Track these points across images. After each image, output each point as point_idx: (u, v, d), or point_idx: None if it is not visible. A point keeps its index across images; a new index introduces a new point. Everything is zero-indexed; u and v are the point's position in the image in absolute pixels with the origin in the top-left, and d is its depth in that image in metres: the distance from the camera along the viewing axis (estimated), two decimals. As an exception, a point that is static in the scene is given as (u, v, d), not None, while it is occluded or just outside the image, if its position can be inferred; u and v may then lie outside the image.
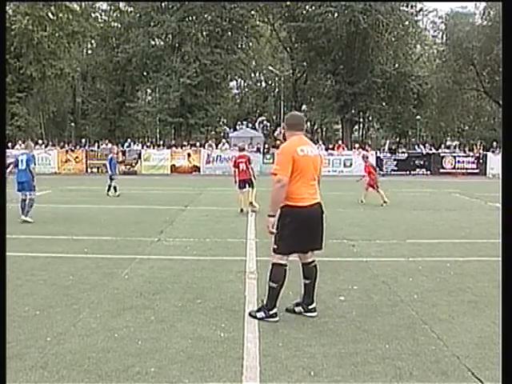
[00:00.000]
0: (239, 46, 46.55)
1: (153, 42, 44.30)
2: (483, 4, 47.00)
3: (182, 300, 6.06)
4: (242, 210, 13.62)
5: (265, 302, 5.49)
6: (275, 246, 5.38)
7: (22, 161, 11.93)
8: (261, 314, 5.41)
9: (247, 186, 13.74)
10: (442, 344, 4.84)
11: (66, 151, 32.67)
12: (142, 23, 43.35)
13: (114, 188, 18.00)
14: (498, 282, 7.02)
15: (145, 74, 46.79)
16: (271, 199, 5.25)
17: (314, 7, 42.63)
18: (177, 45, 42.38)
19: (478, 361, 4.48)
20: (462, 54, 46.94)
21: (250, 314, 5.51)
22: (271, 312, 5.39)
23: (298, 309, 5.59)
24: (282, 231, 5.30)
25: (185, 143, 35.90)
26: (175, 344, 4.77)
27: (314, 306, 5.55)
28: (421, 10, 47.62)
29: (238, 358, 4.47)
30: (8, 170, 12.24)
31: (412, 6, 45.30)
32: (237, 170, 13.89)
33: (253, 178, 13.85)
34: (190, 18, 42.45)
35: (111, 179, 18.13)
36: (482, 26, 46.95)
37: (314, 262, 5.55)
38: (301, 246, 5.36)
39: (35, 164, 12.42)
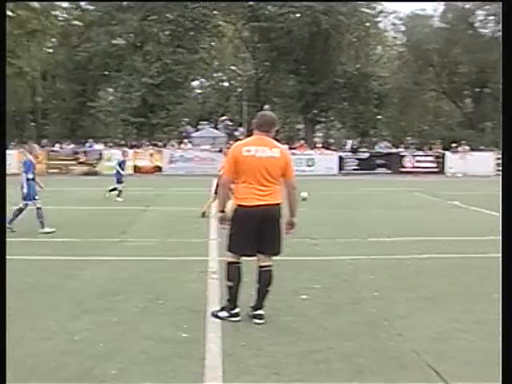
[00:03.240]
0: (201, 45, 46.29)
1: (114, 41, 43.70)
2: (442, 7, 47.95)
3: (144, 301, 6.02)
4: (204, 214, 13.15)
5: (226, 301, 5.49)
6: (227, 244, 5.44)
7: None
8: (223, 314, 5.42)
9: None
10: (401, 340, 4.93)
11: (26, 151, 32.01)
12: (103, 22, 42.77)
13: (119, 192, 17.11)
14: (456, 278, 7.20)
15: (106, 73, 46.20)
16: (218, 197, 5.47)
17: (276, 8, 42.76)
18: (138, 44, 41.96)
19: (436, 355, 4.58)
20: (421, 56, 47.76)
21: (212, 314, 5.51)
22: (233, 311, 5.39)
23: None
24: (231, 229, 5.38)
25: (147, 143, 35.61)
26: (136, 345, 4.73)
27: (260, 312, 5.39)
28: (381, 11, 48.21)
29: (200, 359, 4.46)
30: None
31: (373, 8, 45.84)
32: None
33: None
34: (152, 17, 42.05)
35: (119, 182, 17.40)
36: (441, 29, 47.87)
37: (267, 267, 5.42)
38: (248, 246, 5.31)
39: (28, 170, 10.66)
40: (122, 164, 18.13)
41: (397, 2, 52.81)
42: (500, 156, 33.76)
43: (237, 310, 5.40)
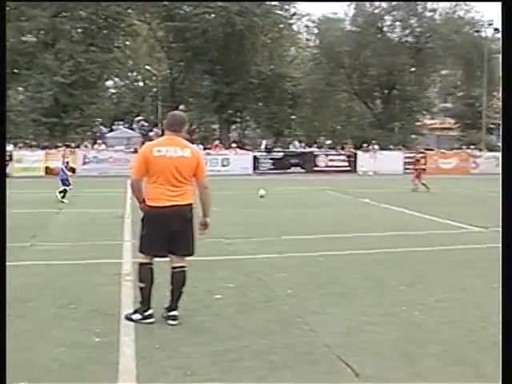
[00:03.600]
0: (115, 44, 45.42)
1: (24, 38, 42.11)
2: (352, 11, 49.35)
3: (56, 306, 5.86)
4: None
5: (139, 303, 5.44)
6: (138, 245, 5.41)
7: None
8: (136, 316, 5.36)
9: None
10: (313, 335, 5.05)
11: None
12: (11, 17, 41.05)
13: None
14: (367, 273, 7.45)
15: (16, 71, 44.38)
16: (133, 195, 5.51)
17: (191, 7, 42.58)
18: (50, 41, 40.61)
19: (347, 348, 4.72)
20: (333, 58, 48.94)
21: (125, 317, 5.43)
22: (147, 313, 5.34)
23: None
24: (142, 231, 5.36)
25: (60, 144, 34.53)
26: (48, 353, 4.59)
27: (174, 313, 5.36)
28: (295, 13, 49.02)
29: (114, 363, 4.39)
30: None
31: (286, 10, 46.55)
32: None
33: None
34: (64, 14, 40.84)
35: (66, 184, 16.87)
36: (351, 32, 49.27)
37: (180, 268, 5.39)
38: (158, 247, 5.28)
39: None
40: (65, 165, 18.00)
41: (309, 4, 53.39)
42: (407, 155, 35.28)
43: (150, 312, 5.36)
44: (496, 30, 45.12)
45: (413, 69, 48.10)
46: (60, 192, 16.77)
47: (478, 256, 8.70)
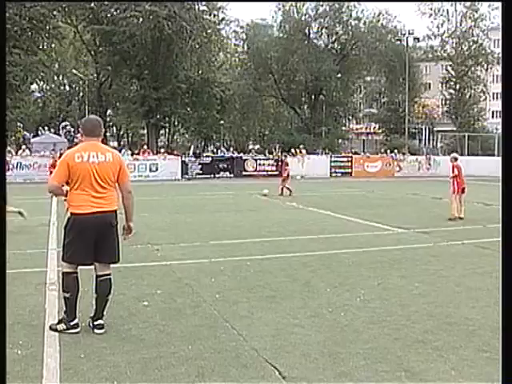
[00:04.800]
0: (40, 47, 44.11)
1: None
2: (280, 18, 50.01)
3: (-26, 319, 5.63)
4: None
5: (64, 313, 5.31)
6: (62, 254, 5.30)
7: None
8: (61, 326, 5.22)
9: None
10: (242, 339, 5.07)
11: None
12: None
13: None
14: (294, 276, 7.55)
15: None
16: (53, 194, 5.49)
17: (118, 11, 41.91)
18: (-32, 43, 39.10)
19: (274, 351, 4.77)
20: (261, 63, 49.44)
21: (50, 328, 5.29)
22: (72, 323, 5.22)
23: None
24: (66, 239, 5.25)
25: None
26: (-36, 368, 4.42)
27: (100, 322, 5.26)
28: (223, 19, 49.16)
29: (37, 377, 4.26)
30: None
31: (215, 15, 46.61)
32: None
33: None
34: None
35: None
36: (279, 38, 49.91)
37: (105, 275, 5.31)
38: (83, 255, 5.19)
39: None
40: None
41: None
42: (334, 159, 36.05)
43: (75, 322, 5.24)
44: (416, 39, 46.86)
45: (339, 75, 49.25)
46: None
47: (402, 256, 8.98)
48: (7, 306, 6.02)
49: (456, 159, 14.32)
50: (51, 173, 19.24)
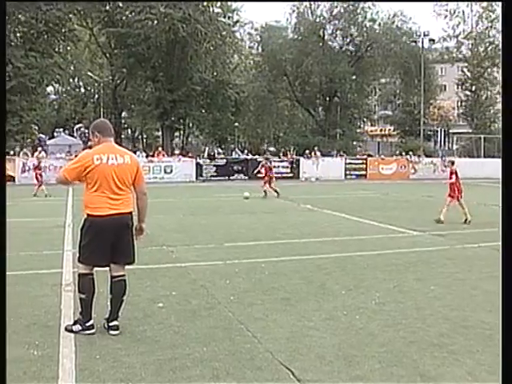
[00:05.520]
0: (56, 49, 44.44)
1: (-41, 42, 40.78)
2: (294, 19, 49.99)
3: (-8, 319, 5.68)
4: None
5: (79, 314, 5.34)
6: (78, 256, 5.32)
7: None
8: (77, 327, 5.25)
9: None
10: (256, 341, 5.06)
11: None
12: None
13: None
14: (309, 278, 7.53)
15: None
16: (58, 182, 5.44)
17: (133, 13, 42.16)
18: (-14, 45, 39.54)
19: (289, 354, 4.75)
20: (275, 65, 49.45)
21: (66, 329, 5.32)
22: (88, 324, 5.24)
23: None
24: (82, 240, 5.26)
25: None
26: (-18, 368, 4.45)
27: (115, 323, 5.28)
28: (238, 21, 49.29)
29: (53, 377, 4.29)
30: None
31: (229, 17, 46.72)
32: None
33: None
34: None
35: None
36: (294, 40, 49.87)
37: (120, 276, 5.34)
38: (100, 257, 5.20)
39: None
40: None
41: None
42: (348, 161, 35.95)
43: (91, 323, 5.26)
44: (432, 40, 46.57)
45: (353, 77, 49.15)
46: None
47: (418, 259, 8.92)
48: (23, 306, 6.13)
49: (453, 163, 14.20)
50: (36, 176, 19.20)
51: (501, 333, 3.81)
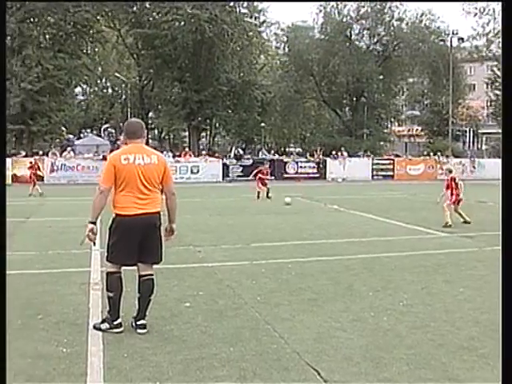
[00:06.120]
0: (84, 51, 45.07)
1: (-10, 44, 41.41)
2: (321, 19, 49.81)
3: (22, 317, 5.74)
4: None
5: (107, 312, 5.38)
6: (106, 255, 5.37)
7: None
8: (105, 326, 5.29)
9: None
10: (283, 342, 5.04)
11: None
12: (-24, 22, 40.46)
13: None
14: (337, 279, 7.49)
15: (-20, 77, 43.72)
16: (92, 206, 5.29)
17: (160, 14, 42.49)
18: (17, 47, 40.11)
19: (316, 354, 4.73)
20: (302, 65, 49.36)
21: (94, 327, 5.36)
22: (115, 322, 5.28)
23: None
24: (110, 239, 5.31)
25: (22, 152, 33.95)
26: (14, 365, 4.47)
27: (142, 322, 5.30)
28: (264, 21, 49.35)
29: (82, 374, 4.33)
30: None
31: (256, 18, 46.78)
32: None
33: None
34: (32, 20, 40.33)
35: None
36: (320, 40, 49.70)
37: (148, 276, 5.35)
38: (128, 256, 5.24)
39: None
40: None
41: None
42: (375, 161, 35.70)
43: (119, 321, 5.29)
44: (461, 39, 45.99)
45: (380, 77, 48.79)
46: None
47: (446, 261, 8.81)
48: (52, 304, 6.20)
49: (451, 171, 14.08)
50: (31, 177, 19.38)
51: (501, 332, 3.74)
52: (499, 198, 13.54)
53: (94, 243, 5.48)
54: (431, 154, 38.51)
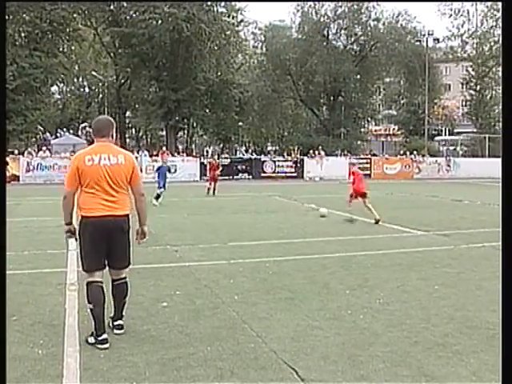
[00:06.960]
0: (60, 49, 44.56)
1: (-37, 42, 40.81)
2: (298, 19, 49.98)
3: (-4, 318, 5.68)
4: None
5: (93, 327, 5.09)
6: (82, 264, 5.16)
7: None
8: (91, 340, 5.02)
9: None
10: (260, 341, 5.06)
11: None
12: None
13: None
14: (313, 277, 7.53)
15: (-48, 76, 43.04)
16: (62, 209, 5.19)
17: (137, 13, 42.20)
18: (-9, 45, 39.61)
19: (293, 353, 4.75)
20: (279, 65, 49.43)
21: (86, 341, 5.07)
22: (100, 338, 4.94)
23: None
24: (81, 248, 5.14)
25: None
26: (-13, 367, 4.45)
27: (119, 322, 5.23)
28: (242, 21, 49.23)
29: (57, 376, 4.29)
30: None
31: (233, 17, 46.69)
32: None
33: None
34: (7, 18, 39.80)
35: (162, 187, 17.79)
36: (298, 40, 49.83)
37: (121, 279, 5.23)
38: (98, 260, 5.06)
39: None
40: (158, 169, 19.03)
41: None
42: (352, 161, 35.89)
43: (104, 337, 4.95)
44: (436, 40, 46.48)
45: (357, 76, 49.08)
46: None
47: (422, 259, 8.90)
48: (28, 305, 6.14)
49: (354, 165, 15.06)
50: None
51: (501, 332, 3.81)
52: (475, 197, 13.69)
53: (76, 239, 5.26)
54: (407, 153, 38.86)
